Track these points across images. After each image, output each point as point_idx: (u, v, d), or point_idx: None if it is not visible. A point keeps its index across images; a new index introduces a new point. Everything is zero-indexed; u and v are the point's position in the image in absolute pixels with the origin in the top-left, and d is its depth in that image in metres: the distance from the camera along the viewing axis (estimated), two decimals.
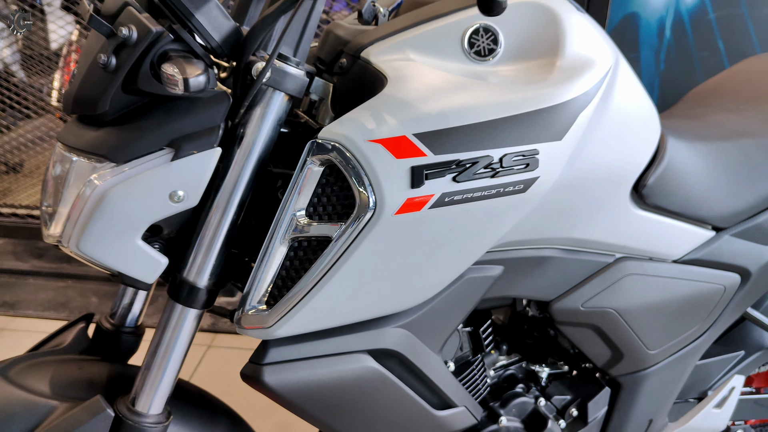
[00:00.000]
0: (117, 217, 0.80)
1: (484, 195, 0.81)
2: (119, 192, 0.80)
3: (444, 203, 0.80)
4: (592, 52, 0.92)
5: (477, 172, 0.80)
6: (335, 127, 0.79)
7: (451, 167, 0.79)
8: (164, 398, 0.90)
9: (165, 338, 0.88)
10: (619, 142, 0.99)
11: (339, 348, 0.90)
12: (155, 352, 0.88)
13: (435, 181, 0.78)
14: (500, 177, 0.81)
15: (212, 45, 0.80)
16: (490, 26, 0.89)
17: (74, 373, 0.98)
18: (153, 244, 0.87)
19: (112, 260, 0.83)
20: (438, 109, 0.80)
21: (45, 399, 0.91)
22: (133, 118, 0.81)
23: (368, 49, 0.89)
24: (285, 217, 0.81)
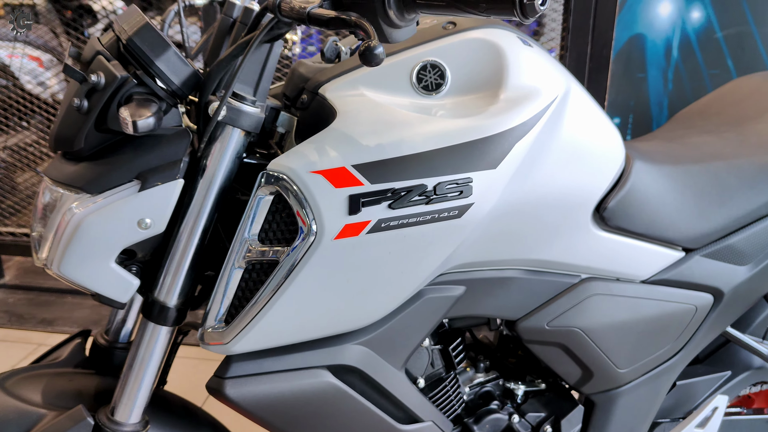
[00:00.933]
0: (92, 242, 0.89)
1: (419, 221, 0.87)
2: (93, 220, 0.88)
3: (381, 228, 0.86)
4: (537, 84, 0.97)
5: (411, 200, 0.86)
6: (282, 159, 0.86)
7: (387, 195, 0.85)
8: (141, 408, 0.98)
9: (139, 354, 0.96)
10: (573, 167, 1.03)
11: (299, 363, 0.96)
12: (131, 366, 0.97)
13: (371, 208, 0.85)
14: (434, 204, 0.87)
15: (172, 88, 0.88)
16: (437, 62, 0.96)
17: (65, 384, 1.07)
18: (130, 266, 0.96)
19: (89, 282, 0.92)
20: (377, 141, 0.86)
21: (35, 408, 1.00)
22: (106, 154, 0.90)
23: (325, 86, 0.96)
24: (238, 242, 0.88)
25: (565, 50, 2.25)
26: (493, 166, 0.90)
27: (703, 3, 2.12)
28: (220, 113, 0.87)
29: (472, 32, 0.98)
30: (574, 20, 2.19)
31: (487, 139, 0.89)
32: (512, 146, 0.91)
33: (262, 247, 0.88)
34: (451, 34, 0.97)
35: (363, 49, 0.69)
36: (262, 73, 0.93)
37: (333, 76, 0.97)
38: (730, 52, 2.16)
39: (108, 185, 0.89)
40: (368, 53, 0.68)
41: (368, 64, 0.69)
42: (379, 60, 0.70)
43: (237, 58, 0.88)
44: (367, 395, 1.03)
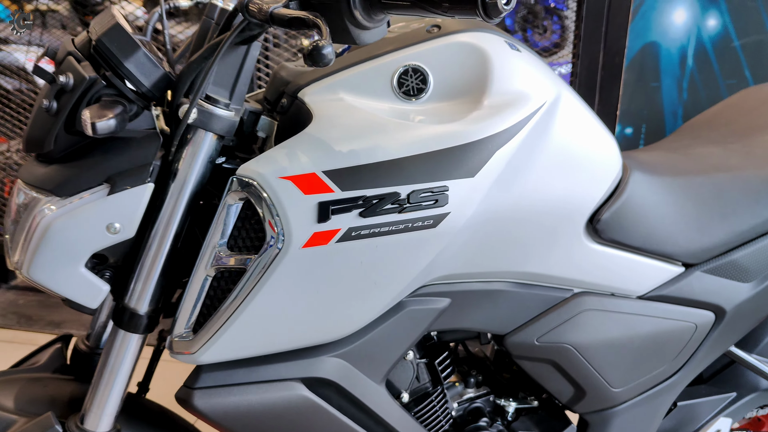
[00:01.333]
0: (60, 246, 0.87)
1: (392, 230, 0.84)
2: (61, 223, 0.87)
3: (351, 237, 0.82)
4: (524, 90, 0.93)
5: (384, 208, 0.83)
6: (252, 164, 0.84)
7: (358, 203, 0.82)
8: (111, 417, 0.96)
9: (110, 361, 0.94)
10: (563, 177, 0.99)
11: (271, 375, 0.93)
12: (101, 374, 0.94)
13: (341, 216, 0.81)
14: (408, 213, 0.84)
15: (142, 90, 0.86)
16: (419, 67, 0.92)
17: (40, 390, 1.05)
18: (103, 272, 0.94)
19: (58, 286, 0.90)
20: (350, 147, 0.83)
21: (6, 413, 0.98)
22: (76, 156, 0.89)
23: (305, 90, 0.94)
24: (208, 249, 0.86)
25: (577, 58, 2.20)
26: (471, 174, 0.86)
27: (720, 10, 2.06)
28: (189, 116, 0.85)
29: (456, 36, 0.94)
30: (586, 27, 2.15)
31: (465, 147, 0.85)
32: (492, 154, 0.87)
33: (231, 255, 0.86)
34: (435, 37, 0.94)
35: (311, 48, 0.66)
36: (238, 76, 0.90)
37: (313, 80, 0.94)
38: (748, 62, 2.10)
39: (77, 188, 0.87)
40: (315, 53, 0.66)
41: (315, 64, 0.67)
42: (327, 60, 0.67)
43: (208, 60, 0.86)
44: (344, 410, 1.00)
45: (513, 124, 0.90)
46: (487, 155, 0.87)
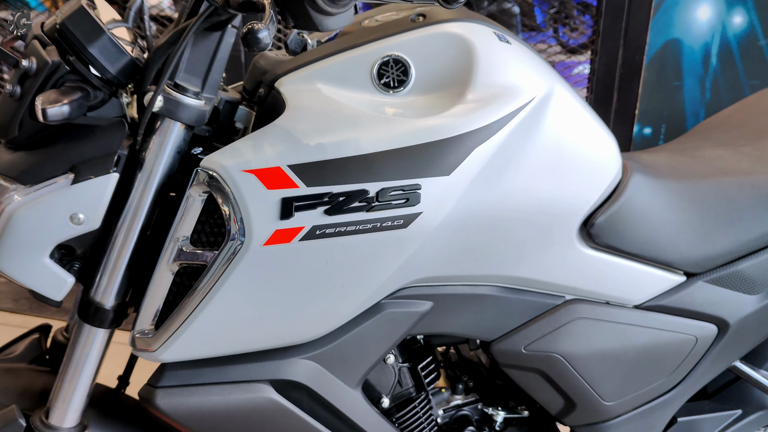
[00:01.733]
0: (23, 235, 0.85)
1: (359, 229, 0.79)
2: (24, 212, 0.84)
3: (315, 236, 0.78)
4: (510, 84, 0.88)
5: (351, 206, 0.78)
6: (216, 156, 0.80)
7: (323, 200, 0.77)
8: (77, 412, 0.93)
9: (75, 356, 0.91)
10: (554, 178, 0.94)
11: (238, 376, 0.90)
12: (67, 369, 0.92)
13: (305, 213, 0.77)
14: (376, 211, 0.79)
15: (107, 76, 0.83)
16: (400, 57, 0.88)
17: (10, 381, 1.03)
18: (72, 263, 0.91)
19: (22, 277, 0.87)
20: (319, 140, 0.79)
21: None
22: (43, 143, 0.86)
23: (281, 79, 0.90)
24: (170, 243, 0.83)
25: (595, 54, 2.13)
26: (446, 172, 0.81)
27: (746, 7, 1.97)
28: (154, 104, 0.81)
29: (441, 26, 0.89)
30: (605, 23, 2.07)
31: (440, 143, 0.81)
32: (470, 151, 0.82)
33: (194, 249, 0.82)
34: (418, 27, 0.89)
35: (245, 32, 0.62)
36: (211, 64, 0.86)
37: (290, 69, 0.90)
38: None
39: (41, 177, 0.85)
40: (249, 36, 0.62)
41: (249, 48, 0.63)
42: (263, 45, 0.63)
43: (174, 46, 0.82)
44: (316, 414, 0.96)
45: (496, 119, 0.85)
46: (465, 152, 0.82)
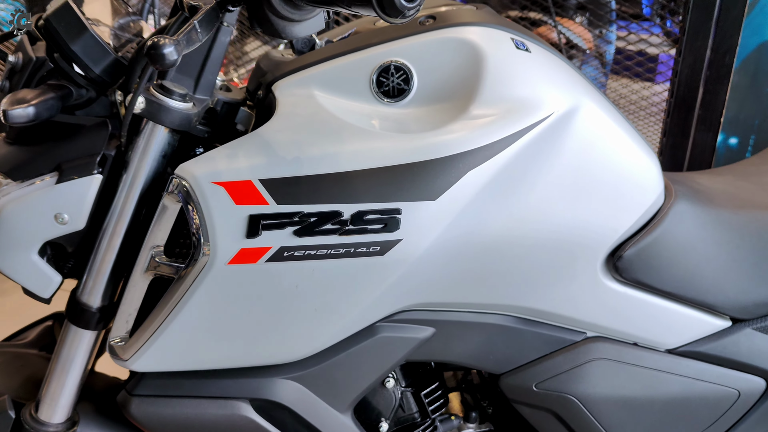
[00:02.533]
0: (12, 231, 0.84)
1: (330, 253, 0.73)
2: (12, 208, 0.83)
3: (283, 258, 0.72)
4: (523, 97, 0.79)
5: (321, 228, 0.72)
6: (190, 164, 0.76)
7: (293, 219, 0.71)
8: (66, 408, 0.93)
9: (62, 355, 0.90)
10: (576, 203, 0.84)
11: (216, 391, 0.86)
12: (55, 367, 0.91)
13: (272, 232, 0.72)
14: (350, 236, 0.72)
15: (91, 75, 0.80)
16: (402, 64, 0.80)
17: (16, 369, 1.04)
18: (68, 262, 0.90)
19: (11, 272, 0.87)
20: (296, 154, 0.73)
21: None
22: (33, 139, 0.85)
23: (278, 82, 0.84)
24: (144, 252, 0.79)
25: (680, 54, 1.94)
26: (432, 196, 0.73)
27: None
28: (134, 106, 0.77)
29: (450, 30, 0.81)
30: (693, 20, 1.88)
31: (427, 164, 0.73)
32: (462, 174, 0.74)
33: (166, 260, 0.79)
34: (425, 30, 0.81)
35: (149, 45, 0.56)
36: (204, 64, 0.82)
37: (287, 72, 0.84)
38: None
39: (28, 174, 0.83)
40: (152, 52, 0.55)
41: (153, 64, 0.57)
42: (167, 62, 0.56)
43: None
44: None
45: (499, 138, 0.76)
46: (456, 175, 0.73)
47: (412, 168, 0.72)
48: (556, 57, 0.87)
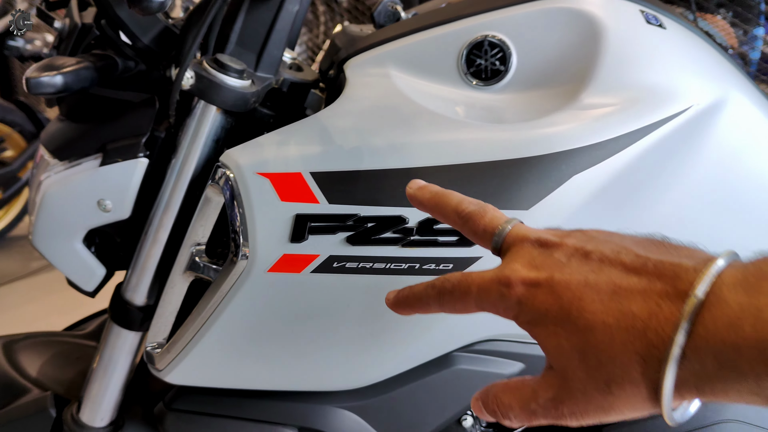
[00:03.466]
0: (55, 217, 0.77)
1: (389, 268, 0.58)
2: (55, 192, 0.76)
3: (332, 269, 0.59)
4: (655, 84, 0.61)
5: (380, 237, 0.58)
6: (236, 151, 0.64)
7: (346, 223, 0.58)
8: (108, 412, 0.85)
9: (105, 355, 0.82)
10: (720, 218, 0.66)
11: (259, 415, 0.75)
12: (97, 368, 0.83)
13: (321, 237, 0.58)
14: (414, 248, 0.58)
15: (138, 44, 0.70)
16: (499, 40, 0.65)
17: (68, 362, 0.98)
18: (117, 253, 0.82)
19: (55, 260, 0.80)
20: (356, 144, 0.59)
21: (24, 381, 0.92)
22: (84, 116, 0.77)
23: (350, 60, 0.72)
24: (185, 250, 0.69)
25: None
26: (524, 205, 0.57)
27: None
28: (181, 81, 0.67)
29: None
30: None
31: (520, 163, 0.57)
32: (566, 178, 0.57)
33: (207, 261, 0.68)
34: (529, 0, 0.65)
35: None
36: (267, 38, 0.71)
37: (363, 48, 0.71)
38: None
39: (73, 154, 0.76)
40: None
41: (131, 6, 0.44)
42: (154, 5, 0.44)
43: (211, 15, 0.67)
44: None
45: (618, 135, 0.59)
46: (557, 180, 0.57)
47: (500, 167, 0.57)
48: (698, 37, 0.69)
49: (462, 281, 0.43)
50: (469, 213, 0.46)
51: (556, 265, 0.39)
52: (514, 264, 0.41)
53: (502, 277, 0.41)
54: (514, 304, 0.40)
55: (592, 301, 0.36)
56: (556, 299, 0.38)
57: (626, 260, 0.37)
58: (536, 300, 0.39)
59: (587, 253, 0.39)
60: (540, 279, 0.39)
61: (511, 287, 0.40)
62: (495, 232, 0.44)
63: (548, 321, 0.38)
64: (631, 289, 0.36)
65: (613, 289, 0.36)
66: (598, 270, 0.38)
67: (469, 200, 0.47)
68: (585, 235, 0.41)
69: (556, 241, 0.41)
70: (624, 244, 0.39)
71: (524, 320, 0.40)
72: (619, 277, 0.37)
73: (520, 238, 0.43)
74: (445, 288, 0.44)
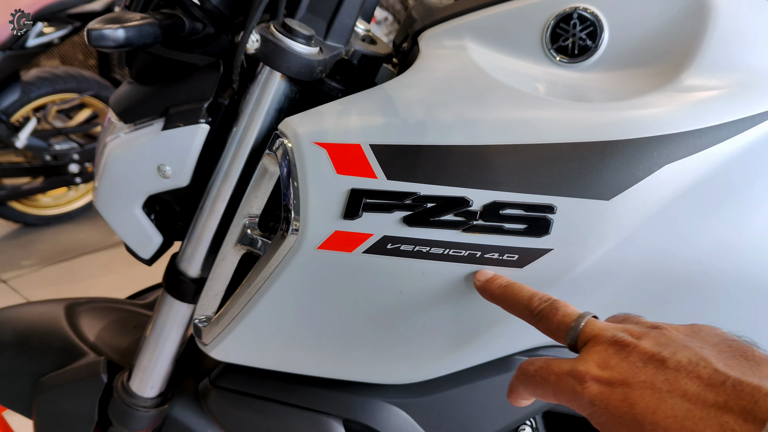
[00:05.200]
0: (116, 180, 0.76)
1: (448, 254, 0.53)
2: (118, 154, 0.75)
3: (386, 251, 0.54)
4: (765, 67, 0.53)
5: (440, 219, 0.52)
6: (295, 119, 0.60)
7: (404, 202, 0.53)
8: (158, 383, 0.84)
9: (157, 326, 0.81)
10: None
11: (303, 401, 0.71)
12: (149, 338, 0.82)
13: (376, 215, 0.53)
14: (477, 234, 0.52)
15: (206, 5, 0.68)
16: (591, 13, 0.58)
17: (127, 330, 0.98)
18: (177, 222, 0.81)
19: (115, 224, 0.79)
20: (421, 117, 0.54)
21: (82, 344, 0.93)
22: (150, 78, 0.75)
23: (426, 32, 0.67)
24: (238, 221, 0.66)
25: None
26: (605, 194, 0.50)
27: None
28: (245, 44, 0.64)
29: None
30: None
31: (605, 147, 0.50)
32: (656, 167, 0.50)
33: (259, 234, 0.64)
34: None
35: None
36: (340, 4, 0.67)
37: (440, 19, 0.66)
38: None
39: (137, 117, 0.74)
40: None
41: None
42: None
43: None
44: None
45: (722, 122, 0.52)
46: (646, 168, 0.50)
47: (580, 150, 0.50)
48: None
49: (543, 368, 0.44)
50: (541, 311, 0.47)
51: (631, 369, 0.39)
52: (590, 362, 0.41)
53: (576, 372, 0.41)
54: (587, 403, 0.40)
55: (666, 417, 0.36)
56: (630, 407, 0.38)
57: (704, 374, 0.37)
58: (610, 404, 0.39)
59: (663, 360, 0.39)
60: (613, 380, 0.39)
61: (584, 384, 0.40)
62: (569, 328, 0.45)
63: (622, 427, 0.38)
64: (706, 408, 0.35)
65: (688, 407, 0.36)
66: (674, 380, 0.37)
67: (539, 296, 0.48)
68: (663, 336, 0.41)
69: (631, 342, 0.41)
70: (703, 354, 0.38)
71: (598, 422, 0.40)
72: (695, 393, 0.36)
73: (595, 335, 0.43)
74: (528, 372, 0.45)
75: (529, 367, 0.45)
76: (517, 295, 0.49)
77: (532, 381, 0.44)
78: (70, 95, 2.81)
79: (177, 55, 0.72)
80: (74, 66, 3.35)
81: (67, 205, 3.01)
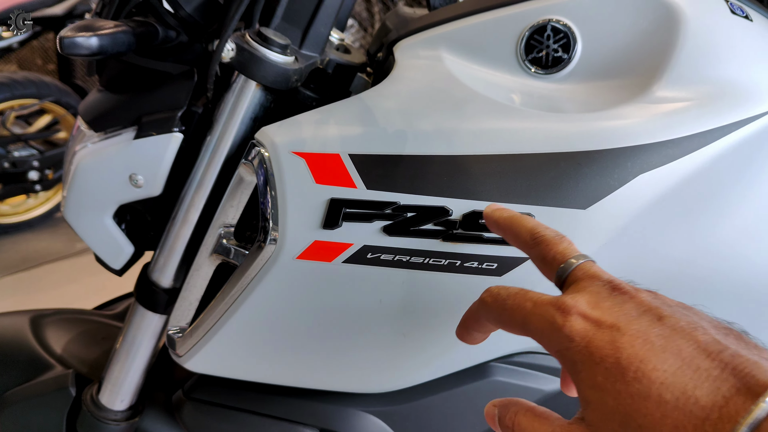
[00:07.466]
0: (87, 189, 0.74)
1: (428, 263, 0.53)
2: (88, 163, 0.73)
3: (366, 260, 0.54)
4: (736, 80, 0.55)
5: (420, 228, 0.53)
6: (272, 128, 0.60)
7: (384, 212, 0.53)
8: (128, 395, 0.82)
9: (128, 337, 0.79)
10: None
11: (280, 411, 0.71)
12: (120, 349, 0.81)
13: (356, 225, 0.54)
14: (457, 243, 0.53)
15: (180, 13, 0.67)
16: (564, 25, 0.59)
17: (95, 341, 0.96)
18: (148, 232, 0.80)
19: (84, 234, 0.77)
20: (400, 127, 0.55)
21: (49, 357, 0.90)
22: (121, 86, 0.74)
23: (401, 42, 0.67)
24: (213, 231, 0.65)
25: None
26: (581, 204, 0.51)
27: None
28: (221, 52, 0.63)
29: None
30: None
31: (579, 157, 0.51)
32: (630, 177, 0.51)
33: (234, 244, 0.64)
34: None
35: None
36: (315, 14, 0.67)
37: (415, 29, 0.67)
38: None
39: (108, 125, 0.73)
40: None
41: None
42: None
43: None
44: None
45: (693, 132, 0.53)
46: (621, 178, 0.51)
47: (557, 160, 0.51)
48: None
49: (519, 293, 0.40)
50: (544, 236, 0.43)
51: (624, 316, 0.35)
52: (579, 298, 0.37)
53: (561, 303, 0.37)
54: (564, 336, 0.36)
55: (655, 369, 0.32)
56: (615, 350, 0.34)
57: (701, 340, 0.33)
58: (592, 343, 0.35)
59: (661, 316, 0.35)
60: (603, 321, 0.35)
61: (567, 316, 0.36)
62: (564, 261, 0.41)
63: (599, 371, 0.34)
64: (701, 372, 0.32)
65: (680, 364, 0.32)
66: (669, 338, 0.34)
67: (548, 227, 0.44)
68: (659, 298, 0.37)
69: (630, 290, 0.37)
70: (701, 324, 0.35)
71: (570, 359, 0.36)
72: (690, 354, 0.33)
73: (591, 275, 0.39)
74: (500, 295, 0.41)
75: (500, 291, 0.41)
76: (525, 221, 0.45)
77: (502, 305, 0.40)
78: (30, 101, 2.75)
79: (150, 63, 0.71)
80: (33, 71, 3.28)
81: (27, 213, 2.94)
